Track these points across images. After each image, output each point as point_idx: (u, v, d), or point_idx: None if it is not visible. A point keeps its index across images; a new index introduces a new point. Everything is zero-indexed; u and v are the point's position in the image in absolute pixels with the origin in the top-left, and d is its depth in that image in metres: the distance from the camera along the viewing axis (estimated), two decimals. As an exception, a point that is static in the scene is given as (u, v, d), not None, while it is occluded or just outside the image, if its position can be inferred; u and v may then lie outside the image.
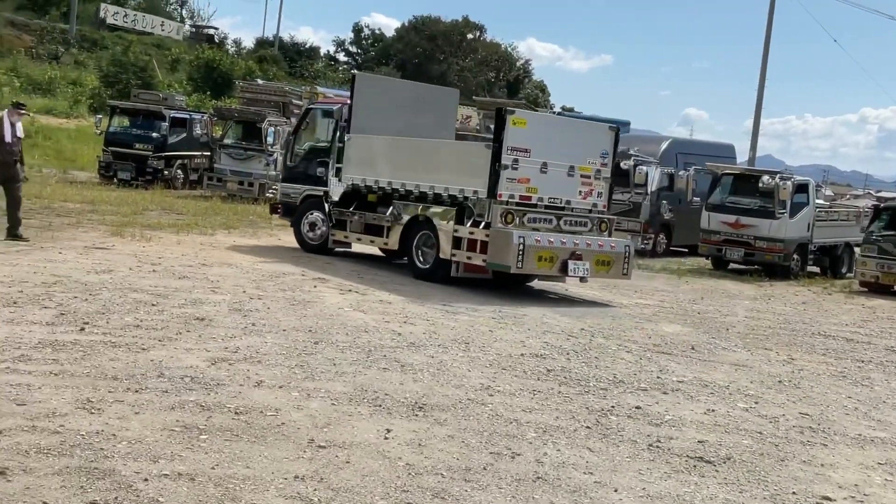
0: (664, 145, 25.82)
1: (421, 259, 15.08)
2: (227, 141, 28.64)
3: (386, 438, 6.45)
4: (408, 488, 5.57)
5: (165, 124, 29.18)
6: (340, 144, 16.77)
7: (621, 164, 22.17)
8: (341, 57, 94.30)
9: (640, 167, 22.58)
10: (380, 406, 7.24)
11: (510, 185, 13.94)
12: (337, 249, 17.12)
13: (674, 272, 20.27)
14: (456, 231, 14.35)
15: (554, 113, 31.24)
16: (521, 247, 13.56)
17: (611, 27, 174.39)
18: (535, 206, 14.24)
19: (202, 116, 31.48)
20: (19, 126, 15.49)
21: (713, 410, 8.24)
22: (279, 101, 29.60)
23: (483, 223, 14.01)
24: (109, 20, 66.50)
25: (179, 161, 29.68)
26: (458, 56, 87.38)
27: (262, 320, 10.15)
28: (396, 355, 9.08)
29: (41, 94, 45.64)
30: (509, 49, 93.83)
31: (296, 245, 17.31)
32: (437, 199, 14.95)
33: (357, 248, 17.27)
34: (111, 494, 5.03)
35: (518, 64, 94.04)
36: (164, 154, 28.95)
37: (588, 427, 7.28)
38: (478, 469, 6.03)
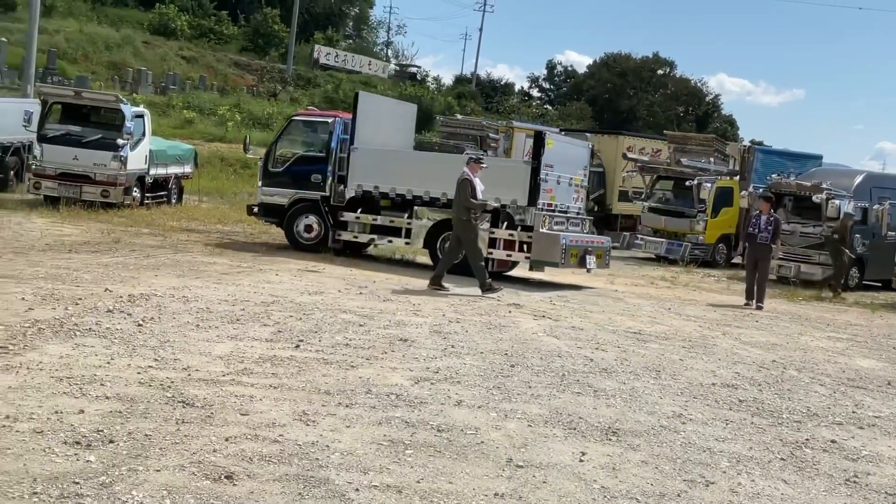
0: (858, 179, 24.65)
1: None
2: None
3: (581, 461, 6.38)
4: (603, 511, 5.49)
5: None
6: (343, 155, 18.12)
7: (813, 198, 21.36)
8: (535, 93, 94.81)
9: (833, 200, 21.67)
10: (574, 429, 7.18)
11: (543, 195, 16.54)
12: (332, 246, 18.12)
13: (867, 306, 19.29)
14: (492, 233, 16.49)
15: (743, 147, 30.34)
16: (565, 246, 16.07)
17: (803, 62, 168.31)
18: (554, 211, 16.95)
19: (404, 149, 32.14)
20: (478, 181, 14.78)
21: (913, 448, 7.77)
22: (477, 134, 29.91)
23: (520, 227, 16.50)
24: (322, 60, 69.11)
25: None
26: (648, 91, 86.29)
27: (461, 343, 10.25)
28: (589, 380, 8.99)
29: (260, 129, 47.77)
30: (699, 84, 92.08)
31: (463, 274, 17.48)
32: None
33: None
34: (326, 502, 5.17)
35: (707, 99, 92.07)
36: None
37: (782, 459, 6.99)
38: (672, 495, 5.89)
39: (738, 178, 26.10)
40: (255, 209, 19.36)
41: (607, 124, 70.02)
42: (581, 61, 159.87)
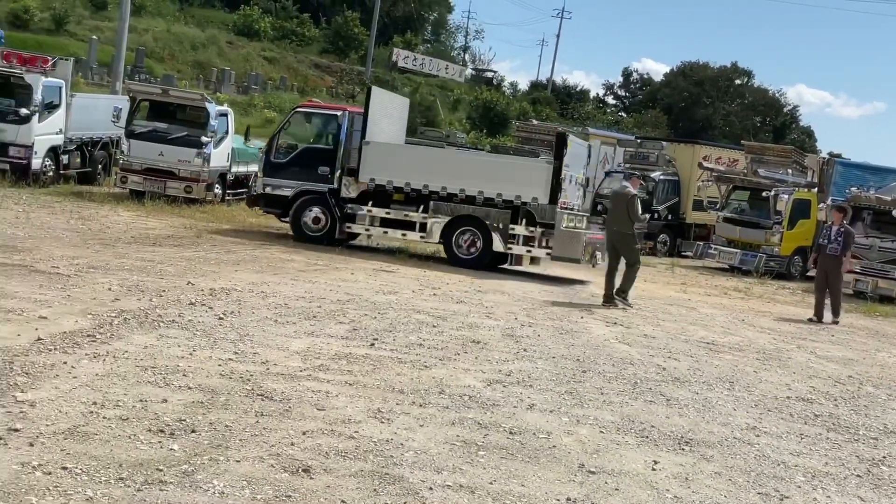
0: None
1: (463, 250, 17.37)
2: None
3: (653, 469, 6.32)
4: (675, 520, 5.44)
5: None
6: (354, 148, 18.01)
7: (893, 212, 20.87)
8: (610, 100, 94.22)
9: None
10: (646, 437, 7.11)
11: (562, 193, 17.08)
12: (340, 238, 18.19)
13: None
14: (512, 229, 16.96)
15: (822, 159, 29.79)
16: (586, 243, 16.77)
17: (884, 75, 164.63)
18: (572, 209, 17.63)
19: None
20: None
21: None
22: (552, 140, 29.82)
23: (539, 223, 16.96)
24: (401, 63, 69.46)
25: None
26: (725, 101, 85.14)
27: (533, 347, 10.23)
28: (661, 389, 8.90)
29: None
30: (777, 95, 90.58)
31: (536, 274, 17.44)
32: (488, 202, 17.24)
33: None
34: (400, 499, 5.20)
35: (785, 110, 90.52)
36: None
37: (859, 476, 6.84)
38: (745, 508, 5.81)
39: (816, 190, 25.60)
40: (259, 203, 19.07)
41: (682, 133, 69.23)
42: (657, 69, 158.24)
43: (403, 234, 17.86)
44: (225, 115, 23.11)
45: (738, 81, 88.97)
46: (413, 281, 14.31)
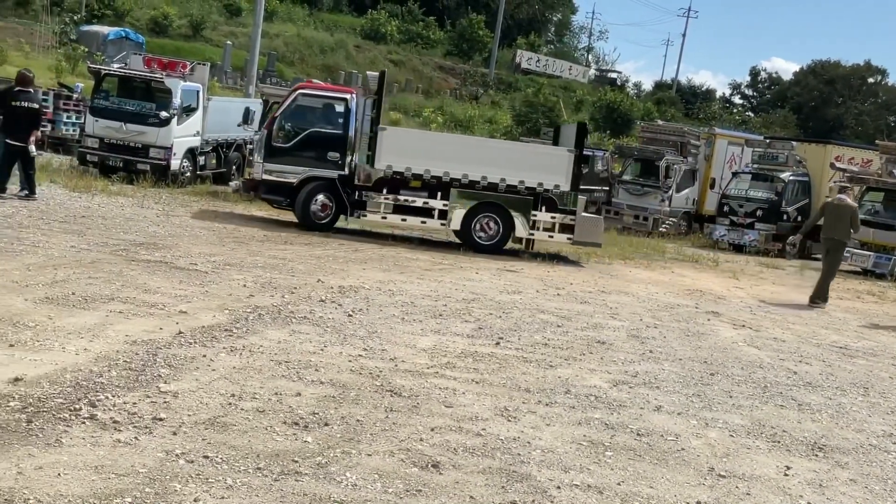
0: None
1: (482, 237, 17.47)
2: (625, 177, 28.98)
3: (786, 475, 6.16)
4: (809, 528, 5.28)
5: (570, 160, 29.98)
6: (371, 134, 17.30)
7: None
8: (736, 100, 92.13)
9: None
10: (778, 442, 6.93)
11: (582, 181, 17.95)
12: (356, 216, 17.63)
13: None
14: (534, 215, 17.38)
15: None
16: (603, 227, 18.29)
17: None
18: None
19: (603, 154, 31.94)
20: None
21: None
22: (677, 140, 29.34)
23: (562, 210, 17.48)
24: (524, 65, 69.45)
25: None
26: (857, 100, 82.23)
27: (659, 348, 10.08)
28: (793, 393, 8.66)
29: (461, 130, 48.52)
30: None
31: (662, 277, 17.08)
32: (510, 190, 17.37)
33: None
34: (528, 497, 5.20)
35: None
36: (567, 188, 29.80)
37: None
38: (882, 518, 5.61)
39: (954, 191, 24.47)
40: (260, 189, 17.70)
41: (812, 133, 67.20)
42: (787, 68, 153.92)
43: (423, 222, 17.56)
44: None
45: (871, 80, 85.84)
46: (537, 281, 14.28)
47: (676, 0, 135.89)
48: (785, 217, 25.78)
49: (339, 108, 17.95)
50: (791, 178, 26.41)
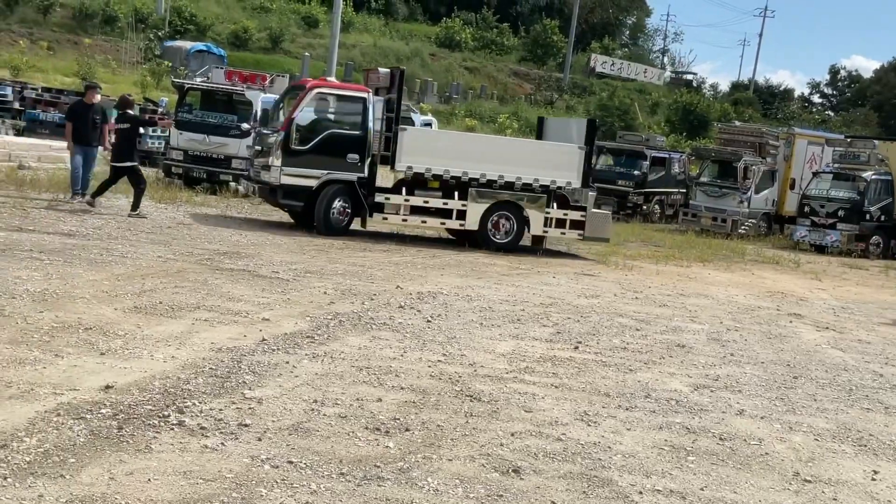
0: None
1: (499, 235, 17.32)
2: (703, 179, 28.60)
3: (873, 480, 6.00)
4: (899, 535, 5.14)
5: (646, 163, 29.75)
6: (389, 134, 16.70)
7: None
8: (816, 99, 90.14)
9: None
10: (864, 446, 6.75)
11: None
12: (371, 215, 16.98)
13: None
14: (547, 212, 17.34)
15: None
16: (612, 223, 18.65)
17: None
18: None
19: (680, 156, 31.60)
20: None
21: None
22: (755, 141, 28.82)
23: (573, 207, 17.57)
24: (598, 69, 68.95)
25: (657, 197, 30.10)
26: (941, 96, 79.75)
27: (740, 351, 9.91)
28: (879, 396, 8.43)
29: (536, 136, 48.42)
30: None
31: (741, 279, 16.75)
32: (526, 188, 17.29)
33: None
34: (610, 502, 5.15)
35: None
36: (643, 190, 29.51)
37: None
38: (976, 524, 5.41)
39: None
40: (273, 191, 16.66)
41: (894, 131, 65.39)
42: (868, 66, 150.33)
43: (442, 223, 17.31)
44: (429, 124, 23.68)
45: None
46: (614, 285, 14.15)
47: (752, 0, 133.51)
48: (868, 217, 25.13)
49: (357, 107, 16.97)
50: (873, 177, 25.74)
